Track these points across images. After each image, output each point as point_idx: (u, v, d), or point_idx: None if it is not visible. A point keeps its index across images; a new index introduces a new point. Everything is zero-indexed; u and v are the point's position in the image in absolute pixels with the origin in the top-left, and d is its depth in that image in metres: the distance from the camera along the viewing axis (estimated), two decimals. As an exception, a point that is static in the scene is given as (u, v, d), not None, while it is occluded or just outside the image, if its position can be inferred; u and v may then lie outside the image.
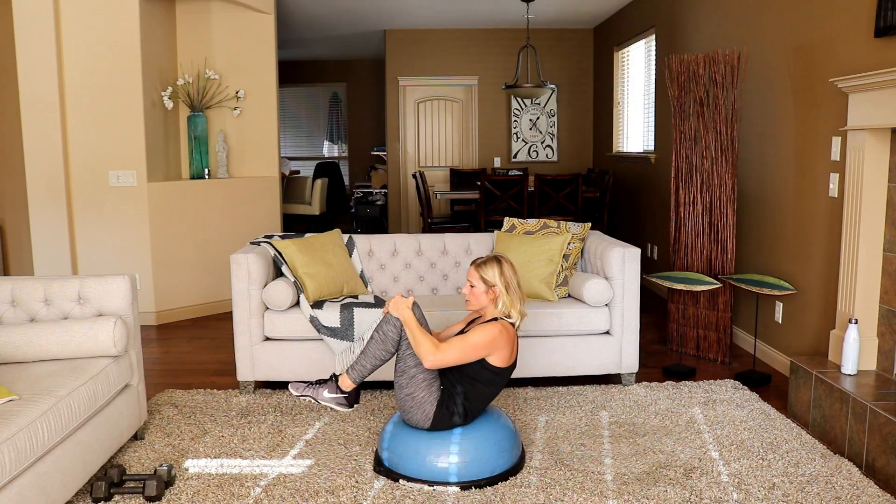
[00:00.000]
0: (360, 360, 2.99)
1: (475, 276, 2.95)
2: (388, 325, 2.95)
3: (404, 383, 2.91)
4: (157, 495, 2.75)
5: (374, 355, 2.97)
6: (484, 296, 2.94)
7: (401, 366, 2.94)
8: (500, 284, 2.92)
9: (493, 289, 2.92)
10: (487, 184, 6.38)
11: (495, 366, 2.91)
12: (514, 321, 2.96)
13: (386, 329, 2.95)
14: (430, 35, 8.87)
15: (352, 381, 2.99)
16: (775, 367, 4.39)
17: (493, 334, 2.87)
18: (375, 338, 2.97)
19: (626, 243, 4.10)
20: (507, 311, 2.94)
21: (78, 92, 5.23)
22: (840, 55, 3.69)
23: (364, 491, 2.85)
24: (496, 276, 2.92)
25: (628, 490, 2.84)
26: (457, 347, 2.85)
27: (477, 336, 2.87)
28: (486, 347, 2.87)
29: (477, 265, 2.96)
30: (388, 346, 2.95)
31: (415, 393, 2.88)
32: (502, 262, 2.96)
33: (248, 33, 6.10)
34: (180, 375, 4.33)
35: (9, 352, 2.92)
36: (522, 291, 3.00)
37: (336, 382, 3.00)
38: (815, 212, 3.96)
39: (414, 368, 2.90)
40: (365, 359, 2.98)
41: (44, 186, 5.23)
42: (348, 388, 3.00)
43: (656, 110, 6.55)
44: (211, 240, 5.79)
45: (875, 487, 2.84)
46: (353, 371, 2.99)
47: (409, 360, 2.90)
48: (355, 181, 12.10)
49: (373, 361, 2.97)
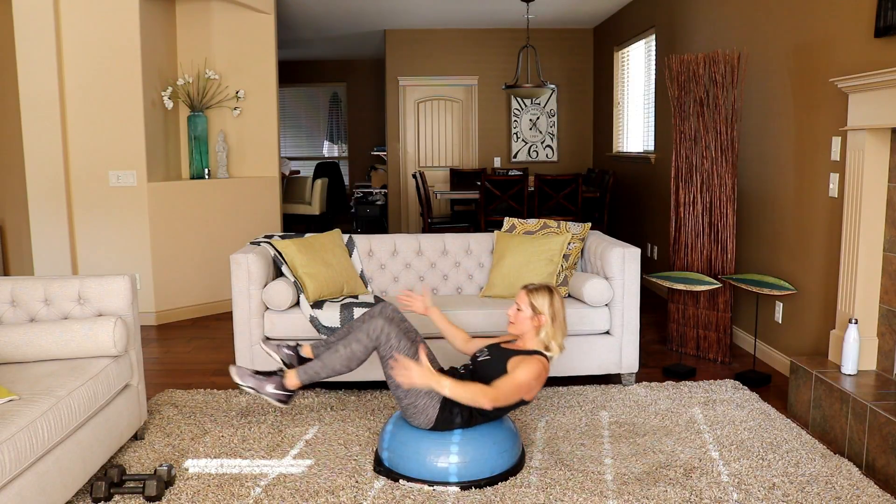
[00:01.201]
0: (315, 366, 2.92)
1: (525, 301, 2.92)
2: (358, 347, 2.88)
3: (402, 395, 2.88)
4: (157, 495, 2.75)
5: (332, 367, 2.91)
6: (528, 321, 2.92)
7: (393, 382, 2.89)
8: (547, 314, 2.90)
9: (540, 317, 2.90)
10: (487, 184, 6.38)
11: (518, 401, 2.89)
12: (551, 355, 2.94)
13: (355, 349, 2.88)
14: (430, 35, 8.87)
15: (300, 381, 2.94)
16: (775, 367, 4.39)
17: (538, 372, 2.83)
18: (341, 352, 2.89)
19: (626, 243, 4.10)
20: (549, 342, 2.92)
21: (78, 92, 5.23)
22: (840, 55, 3.69)
23: (364, 491, 2.85)
24: (545, 305, 2.90)
25: (628, 490, 2.84)
26: (507, 388, 2.77)
27: (524, 375, 2.80)
28: (529, 387, 2.82)
29: (528, 290, 2.94)
30: (351, 364, 2.90)
31: (416, 401, 2.87)
32: (553, 292, 2.95)
33: (248, 33, 6.10)
34: (180, 375, 4.33)
35: (9, 352, 2.92)
36: (566, 325, 2.98)
37: (283, 379, 2.96)
38: (815, 212, 3.96)
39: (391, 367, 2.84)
40: (322, 367, 2.91)
41: (44, 186, 5.23)
42: (293, 388, 2.96)
43: (656, 110, 6.55)
44: (211, 240, 5.79)
45: (875, 487, 2.84)
46: (304, 374, 2.93)
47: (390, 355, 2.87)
48: (355, 181, 12.10)
49: (328, 372, 2.92)
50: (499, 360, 2.92)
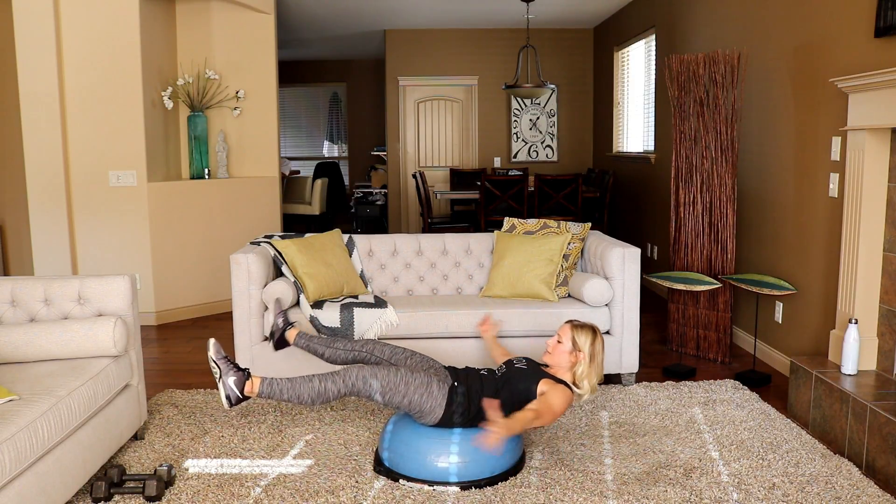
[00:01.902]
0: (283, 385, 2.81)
1: (567, 335, 2.94)
2: (335, 387, 2.81)
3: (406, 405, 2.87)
4: (157, 495, 2.75)
5: (298, 395, 2.82)
6: (566, 356, 2.93)
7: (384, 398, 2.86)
8: (587, 352, 2.91)
9: (578, 353, 2.92)
10: (487, 184, 6.38)
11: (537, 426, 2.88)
12: (581, 393, 2.94)
13: (329, 387, 2.81)
14: (430, 35, 8.87)
15: (258, 389, 2.82)
16: (775, 367, 4.39)
17: (567, 400, 2.85)
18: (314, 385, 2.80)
19: (626, 243, 4.10)
20: (581, 380, 2.93)
21: (78, 92, 5.23)
22: (840, 55, 3.69)
23: (364, 491, 2.85)
24: (587, 344, 2.92)
25: (628, 490, 2.84)
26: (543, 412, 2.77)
27: (556, 400, 2.81)
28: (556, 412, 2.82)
29: (574, 326, 2.96)
30: (317, 400, 2.82)
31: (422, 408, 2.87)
32: (597, 333, 2.97)
33: (248, 33, 6.10)
34: (180, 375, 4.33)
35: (9, 352, 2.92)
36: (602, 369, 2.99)
37: (245, 378, 2.82)
38: (815, 212, 3.96)
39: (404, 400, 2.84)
40: (289, 389, 2.81)
41: (44, 186, 5.23)
42: (249, 393, 2.82)
43: (656, 110, 6.55)
44: (211, 240, 5.79)
45: (875, 487, 2.84)
46: (268, 387, 2.81)
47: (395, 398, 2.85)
48: (355, 181, 12.10)
49: (293, 398, 2.82)
50: (533, 374, 2.93)
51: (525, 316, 3.90)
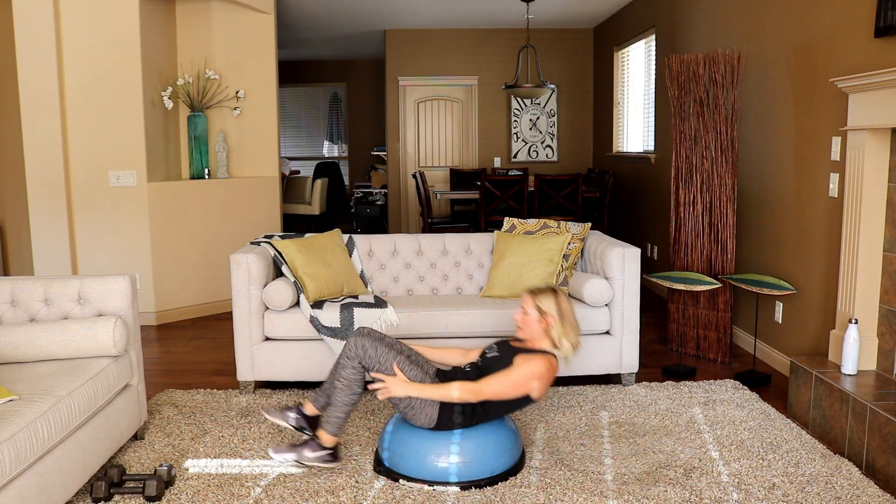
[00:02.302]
0: (333, 413, 2.89)
1: (530, 304, 2.92)
2: (347, 370, 2.85)
3: (396, 400, 2.88)
4: (157, 495, 2.75)
5: (343, 403, 2.87)
6: (536, 324, 2.91)
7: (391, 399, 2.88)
8: (554, 313, 2.89)
9: (547, 318, 2.90)
10: (487, 184, 6.38)
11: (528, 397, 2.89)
12: (562, 353, 2.93)
13: (347, 374, 2.85)
14: (430, 35, 8.87)
15: (331, 435, 2.91)
16: (775, 367, 4.39)
17: (539, 370, 2.83)
18: (339, 386, 2.86)
19: (626, 243, 4.10)
20: (559, 340, 2.90)
21: (78, 92, 5.23)
22: (840, 55, 3.69)
23: (364, 491, 2.85)
24: (551, 306, 2.90)
25: (628, 490, 2.84)
26: (499, 382, 2.79)
27: (521, 371, 2.81)
28: (528, 383, 2.82)
29: (533, 293, 2.94)
30: (354, 389, 2.87)
31: (412, 402, 2.86)
32: (558, 292, 2.95)
33: (248, 33, 6.10)
34: (180, 375, 4.33)
35: (9, 352, 2.92)
36: (578, 324, 2.97)
37: (317, 441, 2.92)
38: (815, 212, 3.96)
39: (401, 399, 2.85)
40: (336, 409, 2.88)
41: (44, 186, 5.23)
42: (331, 444, 2.92)
43: (656, 110, 6.55)
44: (211, 240, 5.79)
45: (875, 487, 2.84)
46: (329, 426, 2.90)
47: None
48: (355, 181, 12.10)
49: (345, 409, 2.89)
50: (506, 356, 2.92)
51: (525, 316, 3.90)
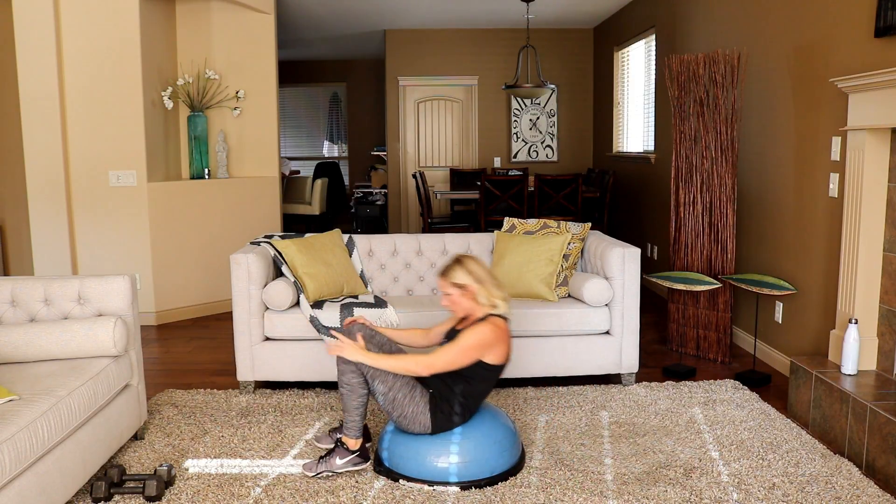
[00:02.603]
0: (347, 417, 2.96)
1: (447, 286, 2.91)
2: (347, 375, 2.90)
3: (389, 409, 2.90)
4: (157, 495, 2.75)
5: (354, 406, 2.94)
6: (463, 299, 2.91)
7: (378, 398, 2.92)
8: (471, 282, 2.88)
9: (468, 288, 2.89)
10: (487, 184, 6.38)
11: (491, 364, 2.90)
12: (502, 312, 2.92)
13: (348, 379, 2.91)
14: (430, 35, 8.86)
15: (354, 438, 2.96)
16: (775, 367, 4.39)
17: (484, 335, 2.84)
18: (345, 392, 2.93)
19: (626, 243, 4.10)
20: (490, 300, 2.90)
21: (78, 92, 5.23)
22: (840, 55, 3.69)
23: (364, 491, 2.85)
24: (464, 276, 2.89)
25: (628, 490, 2.84)
26: (448, 353, 2.83)
27: (468, 338, 2.83)
28: (478, 349, 2.84)
29: (442, 273, 2.94)
30: (359, 391, 2.92)
31: (404, 412, 2.88)
32: (463, 260, 2.94)
33: (248, 33, 6.10)
34: (180, 375, 4.33)
35: (9, 352, 2.92)
36: (496, 277, 2.97)
37: (343, 447, 2.97)
38: (815, 212, 3.96)
39: (389, 393, 2.87)
40: (349, 413, 2.95)
41: (44, 186, 5.23)
42: (356, 447, 2.97)
43: (656, 110, 6.55)
44: (211, 240, 5.79)
45: (875, 487, 2.84)
46: (349, 430, 2.96)
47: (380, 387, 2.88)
48: (355, 181, 12.10)
49: (359, 411, 2.95)
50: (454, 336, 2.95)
51: (525, 316, 3.90)
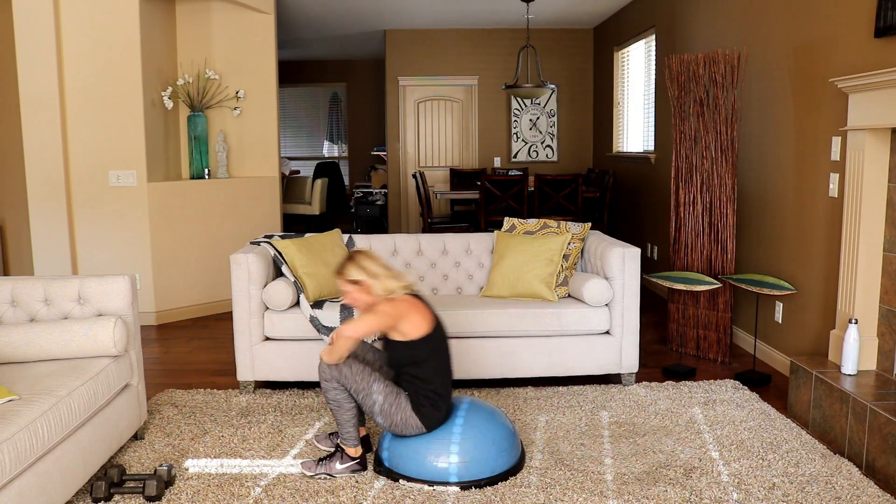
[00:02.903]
0: (341, 430, 2.97)
1: (345, 284, 2.95)
2: (331, 392, 2.91)
3: (380, 420, 2.92)
4: (157, 495, 2.75)
5: (346, 419, 2.95)
6: (360, 294, 2.93)
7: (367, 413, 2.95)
8: (365, 277, 2.91)
9: (362, 284, 2.92)
10: (487, 184, 6.38)
11: (416, 338, 2.89)
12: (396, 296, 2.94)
13: (333, 396, 2.91)
14: (430, 35, 8.87)
15: (353, 447, 2.98)
16: (775, 367, 4.39)
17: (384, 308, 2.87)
18: (332, 407, 2.95)
19: (626, 243, 4.10)
20: (386, 290, 2.93)
21: (78, 92, 5.23)
22: (840, 55, 3.69)
23: (364, 491, 2.85)
24: (358, 272, 2.92)
25: (628, 490, 2.84)
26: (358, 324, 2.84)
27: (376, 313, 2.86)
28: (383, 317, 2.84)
29: (338, 273, 2.97)
30: (346, 405, 2.93)
31: (394, 420, 2.89)
32: (355, 256, 2.96)
33: (248, 33, 6.10)
34: (180, 375, 4.33)
35: (9, 352, 2.92)
36: (392, 269, 3.00)
37: (343, 453, 2.99)
38: (815, 212, 3.96)
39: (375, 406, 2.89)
40: (343, 426, 2.96)
41: (44, 186, 5.23)
42: (356, 454, 2.99)
43: (656, 110, 6.55)
44: (211, 240, 5.79)
45: (875, 487, 2.84)
46: (346, 441, 2.98)
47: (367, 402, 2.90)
48: (355, 181, 12.10)
49: (352, 422, 2.96)
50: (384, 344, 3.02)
51: (525, 316, 3.90)
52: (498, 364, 3.94)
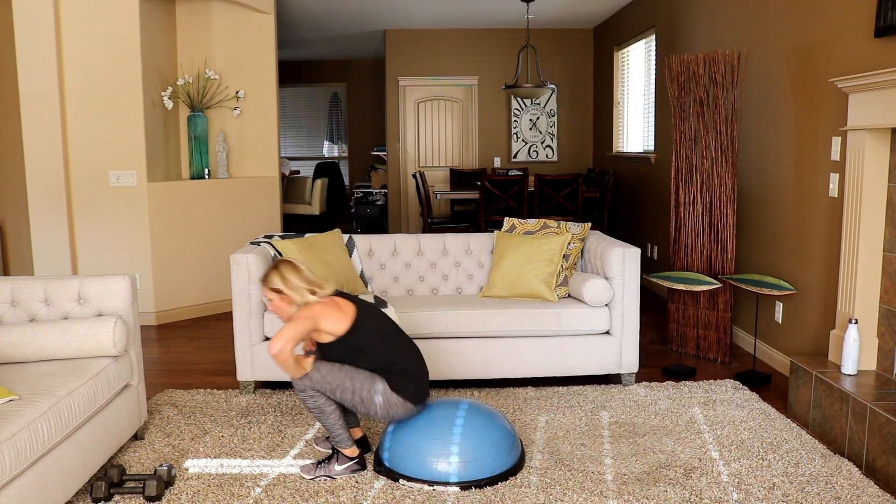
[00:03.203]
0: (332, 434, 2.98)
1: (268, 293, 2.95)
2: (310, 401, 2.91)
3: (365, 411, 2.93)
4: (157, 495, 2.75)
5: (332, 423, 2.95)
6: (283, 304, 2.94)
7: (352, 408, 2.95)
8: (284, 288, 2.91)
9: (284, 295, 2.92)
10: (487, 184, 6.38)
11: (344, 332, 2.89)
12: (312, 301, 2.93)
13: (313, 403, 2.91)
14: (430, 35, 8.87)
15: (348, 448, 2.98)
16: (775, 367, 4.39)
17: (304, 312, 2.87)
18: (316, 415, 2.95)
19: (626, 243, 4.10)
20: (304, 301, 2.92)
21: (78, 92, 5.23)
22: (840, 55, 3.69)
23: (364, 491, 2.85)
24: (279, 283, 2.92)
25: (628, 490, 2.84)
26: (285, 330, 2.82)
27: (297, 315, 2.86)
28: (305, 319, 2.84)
29: (263, 281, 2.98)
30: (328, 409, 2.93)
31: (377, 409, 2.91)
32: (279, 265, 2.96)
33: (248, 33, 6.10)
34: (180, 375, 4.33)
35: (9, 352, 2.92)
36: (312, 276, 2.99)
37: (342, 454, 2.99)
38: (815, 212, 3.96)
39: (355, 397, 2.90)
40: (332, 431, 2.96)
41: (44, 186, 5.23)
42: (354, 455, 3.00)
43: (656, 110, 6.55)
44: (211, 240, 5.79)
45: (875, 487, 2.84)
46: (340, 443, 2.98)
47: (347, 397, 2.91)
48: (355, 181, 12.10)
49: (338, 423, 2.96)
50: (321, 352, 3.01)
51: (525, 316, 3.90)
52: (498, 364, 3.94)
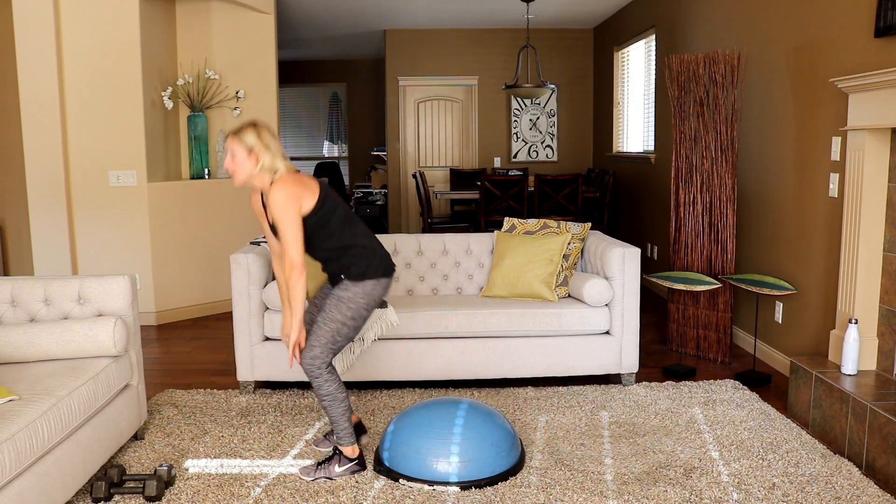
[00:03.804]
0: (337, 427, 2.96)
1: (236, 145, 2.87)
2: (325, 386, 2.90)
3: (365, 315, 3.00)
4: (157, 495, 2.75)
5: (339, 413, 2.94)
6: (247, 162, 2.86)
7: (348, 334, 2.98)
8: (259, 147, 2.87)
9: (253, 152, 2.87)
10: (487, 184, 6.38)
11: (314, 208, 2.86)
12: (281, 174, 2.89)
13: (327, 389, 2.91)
14: (430, 35, 8.87)
15: (350, 446, 2.97)
16: (775, 367, 4.39)
17: (285, 193, 2.81)
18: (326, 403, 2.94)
19: (626, 243, 4.10)
20: (273, 166, 2.88)
21: (78, 92, 5.23)
22: (840, 55, 3.69)
23: (364, 491, 2.85)
24: (254, 138, 2.87)
25: (628, 490, 2.84)
26: (285, 236, 2.79)
27: (279, 210, 2.79)
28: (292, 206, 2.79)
29: (234, 134, 2.89)
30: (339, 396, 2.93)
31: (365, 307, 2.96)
32: (258, 124, 2.94)
33: (248, 33, 6.10)
34: (180, 375, 4.33)
35: (9, 352, 2.93)
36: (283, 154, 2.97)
37: (341, 455, 2.99)
38: (815, 212, 3.96)
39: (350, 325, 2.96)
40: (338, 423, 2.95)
41: (44, 186, 5.23)
42: (354, 454, 2.99)
43: (656, 110, 6.55)
44: (211, 240, 5.79)
45: (875, 487, 2.84)
46: (343, 439, 2.97)
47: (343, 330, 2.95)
48: (355, 181, 12.10)
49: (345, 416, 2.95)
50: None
51: (525, 316, 3.90)
52: (498, 364, 3.94)
